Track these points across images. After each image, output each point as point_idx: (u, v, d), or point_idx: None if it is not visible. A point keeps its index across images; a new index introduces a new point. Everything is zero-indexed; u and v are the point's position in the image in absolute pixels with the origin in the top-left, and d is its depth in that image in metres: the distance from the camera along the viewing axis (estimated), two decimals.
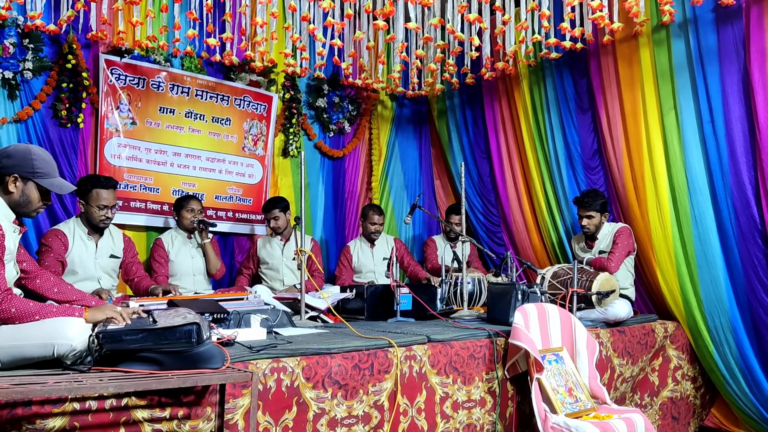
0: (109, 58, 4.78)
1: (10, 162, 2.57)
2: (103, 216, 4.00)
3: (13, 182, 2.57)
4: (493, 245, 5.94)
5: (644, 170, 4.56)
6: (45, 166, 2.63)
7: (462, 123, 6.19)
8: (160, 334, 2.30)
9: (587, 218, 4.61)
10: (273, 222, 5.07)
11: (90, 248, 4.07)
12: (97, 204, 3.97)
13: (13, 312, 2.36)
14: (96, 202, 3.98)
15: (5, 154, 2.58)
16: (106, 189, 4.01)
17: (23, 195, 2.59)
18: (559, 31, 4.38)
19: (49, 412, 2.15)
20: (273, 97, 5.67)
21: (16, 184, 2.57)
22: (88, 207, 3.99)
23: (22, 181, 2.58)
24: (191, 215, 4.73)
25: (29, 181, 2.60)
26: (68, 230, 4.03)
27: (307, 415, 2.72)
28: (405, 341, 3.14)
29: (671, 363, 4.38)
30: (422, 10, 4.41)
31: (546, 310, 3.58)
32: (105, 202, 3.99)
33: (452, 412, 3.21)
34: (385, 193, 6.44)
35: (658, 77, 4.47)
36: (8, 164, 2.56)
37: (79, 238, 4.03)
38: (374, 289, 4.38)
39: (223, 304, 3.47)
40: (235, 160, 5.50)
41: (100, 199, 3.98)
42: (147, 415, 2.32)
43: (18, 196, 2.58)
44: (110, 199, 4.02)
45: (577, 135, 5.16)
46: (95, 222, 4.02)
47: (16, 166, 2.56)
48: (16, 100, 4.43)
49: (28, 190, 2.60)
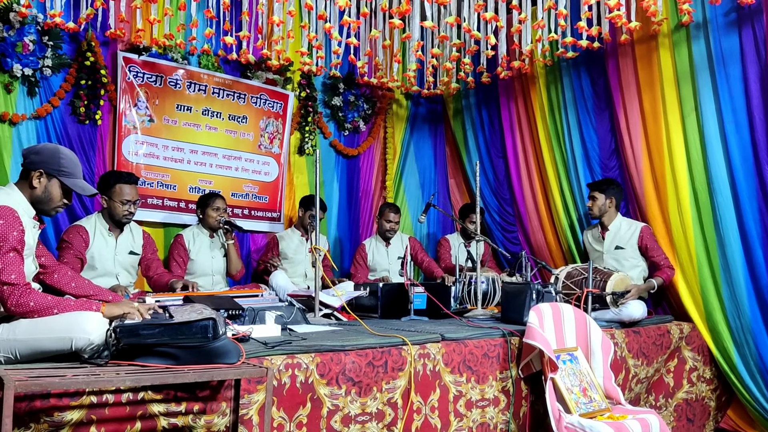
0: (128, 56, 4.83)
1: (38, 158, 2.61)
2: (126, 211, 4.04)
3: (38, 177, 2.61)
4: (508, 244, 5.93)
5: (665, 171, 4.53)
6: (71, 166, 2.68)
7: (477, 122, 6.18)
8: (176, 329, 2.32)
9: (591, 199, 4.68)
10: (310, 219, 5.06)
11: (110, 244, 4.10)
12: (120, 199, 4.01)
13: (32, 305, 2.39)
14: (119, 197, 4.01)
15: (34, 150, 2.64)
16: (128, 184, 4.05)
17: (46, 191, 2.63)
18: (575, 30, 4.37)
19: (67, 404, 2.18)
20: (289, 96, 5.69)
21: (41, 179, 2.62)
22: (111, 202, 4.03)
23: (46, 177, 2.62)
24: (216, 214, 4.71)
25: (53, 178, 2.64)
26: (90, 226, 4.07)
27: (321, 412, 2.74)
28: (419, 339, 3.15)
29: (687, 364, 4.35)
30: (438, 9, 4.41)
31: (561, 310, 3.57)
32: (128, 197, 4.03)
33: (466, 410, 3.21)
34: (399, 192, 6.44)
35: (679, 78, 4.44)
36: (36, 160, 2.61)
37: (100, 234, 4.07)
38: (388, 287, 4.39)
39: (238, 300, 3.49)
40: (251, 158, 5.53)
41: (123, 194, 4.02)
42: (163, 409, 2.34)
43: (41, 191, 2.62)
44: (133, 194, 4.06)
45: (595, 135, 5.14)
46: (118, 217, 4.05)
47: (43, 162, 2.61)
48: (35, 97, 4.48)
49: (51, 187, 2.64)
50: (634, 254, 4.55)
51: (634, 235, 4.56)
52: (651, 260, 4.53)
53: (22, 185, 2.62)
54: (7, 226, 2.42)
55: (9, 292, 2.38)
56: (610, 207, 4.63)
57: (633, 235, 4.56)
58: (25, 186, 2.62)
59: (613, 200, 4.62)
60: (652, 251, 4.50)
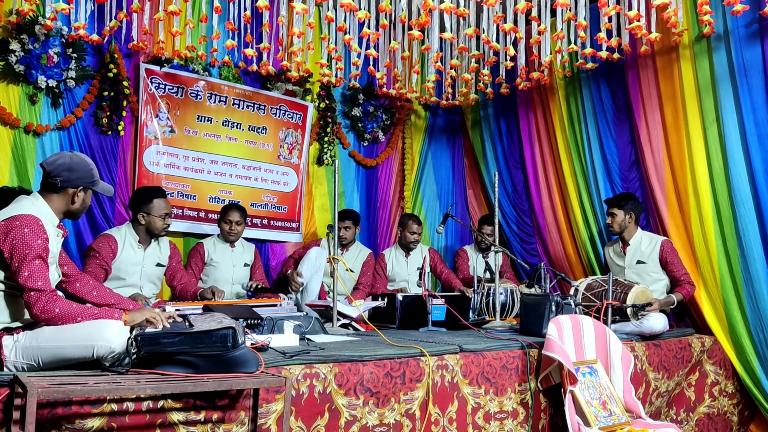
0: (149, 68, 4.89)
1: (74, 175, 2.65)
2: (165, 224, 4.09)
3: (78, 194, 2.67)
4: (527, 256, 5.90)
5: (686, 183, 4.50)
6: (97, 173, 2.76)
7: (496, 133, 6.17)
8: (196, 338, 2.33)
9: (610, 216, 4.62)
10: (343, 231, 5.14)
11: (138, 256, 4.12)
12: (159, 214, 4.04)
13: (57, 312, 2.42)
14: (159, 212, 4.04)
15: (66, 167, 2.64)
16: (164, 198, 4.10)
17: (83, 203, 2.71)
18: (595, 41, 4.36)
19: (88, 412, 2.20)
20: (308, 107, 5.73)
21: (79, 195, 2.68)
22: (151, 217, 4.04)
23: (83, 191, 2.69)
24: (228, 227, 4.77)
25: (89, 190, 2.72)
26: (119, 237, 4.08)
27: (339, 422, 2.74)
28: (437, 350, 3.14)
29: (708, 378, 4.30)
30: (457, 20, 4.42)
31: (580, 322, 3.54)
32: (167, 210, 4.08)
33: (484, 423, 3.19)
34: (417, 203, 6.45)
35: (700, 89, 4.42)
36: (72, 177, 2.65)
37: (129, 246, 4.09)
38: (406, 298, 4.38)
39: (257, 310, 3.51)
40: (270, 168, 5.56)
41: (161, 209, 4.05)
42: (182, 418, 2.36)
43: (79, 205, 2.69)
44: (168, 207, 4.12)
45: (615, 146, 5.11)
46: (158, 231, 4.08)
47: (80, 179, 2.66)
48: (59, 108, 4.56)
49: (87, 198, 2.73)
50: (655, 268, 4.50)
51: (655, 249, 4.52)
52: (671, 275, 4.48)
53: (49, 196, 2.65)
54: (32, 234, 2.46)
55: (36, 299, 2.42)
56: (630, 222, 4.59)
57: (654, 249, 4.52)
58: (56, 198, 2.65)
59: (632, 215, 4.59)
60: (672, 266, 4.45)
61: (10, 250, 2.43)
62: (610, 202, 4.66)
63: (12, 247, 2.43)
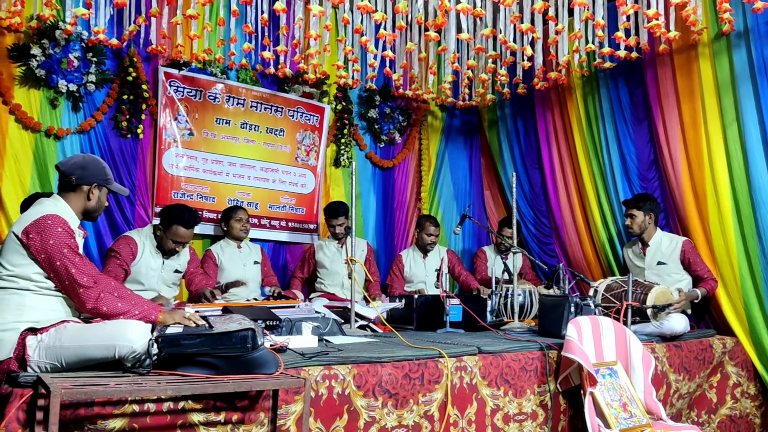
0: (168, 71, 4.93)
1: (88, 173, 2.73)
2: (174, 249, 4.13)
3: (93, 191, 2.74)
4: (544, 256, 5.87)
5: (705, 182, 4.46)
6: (110, 173, 2.84)
7: (513, 133, 6.15)
8: (216, 339, 2.35)
9: (629, 217, 4.58)
10: (338, 228, 5.10)
11: (157, 262, 4.16)
12: (172, 238, 4.08)
13: (105, 310, 2.53)
14: (173, 236, 4.08)
15: (79, 165, 2.73)
16: (186, 228, 4.08)
17: (99, 201, 2.78)
18: (613, 40, 4.33)
19: (110, 413, 2.22)
20: (325, 108, 5.75)
21: (94, 192, 2.74)
22: (164, 235, 4.09)
23: (98, 188, 2.75)
24: (239, 225, 4.83)
25: (103, 188, 2.79)
26: (140, 240, 4.13)
27: (358, 423, 2.74)
28: (455, 352, 3.13)
29: (730, 380, 4.25)
30: (474, 21, 4.42)
31: (600, 323, 3.52)
32: (181, 239, 4.10)
33: (503, 424, 3.18)
34: (434, 204, 6.44)
35: (720, 88, 4.37)
36: (86, 175, 2.72)
37: (149, 252, 4.14)
38: (424, 299, 4.38)
39: (275, 311, 3.52)
40: (288, 170, 5.59)
41: (177, 236, 4.08)
42: (202, 419, 2.37)
43: (95, 202, 2.76)
44: (187, 236, 4.12)
45: (633, 146, 5.08)
46: (165, 249, 4.14)
47: (94, 176, 2.74)
48: (79, 112, 4.62)
49: (102, 196, 2.79)
50: (676, 269, 4.46)
51: (676, 250, 4.47)
52: (694, 274, 4.44)
53: (67, 196, 2.72)
54: (65, 233, 2.55)
55: (86, 296, 2.51)
56: (649, 223, 4.55)
57: (675, 250, 4.48)
58: (72, 197, 2.72)
59: (652, 216, 4.55)
60: (695, 265, 4.41)
61: (45, 249, 2.50)
62: (629, 203, 4.63)
63: (48, 247, 2.50)
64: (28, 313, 2.49)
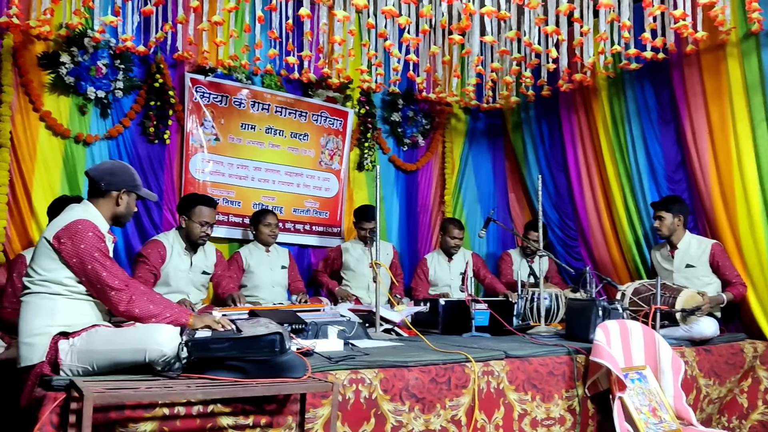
0: (194, 77, 4.99)
1: (117, 179, 2.78)
2: (203, 232, 4.20)
3: (122, 196, 2.77)
4: (570, 259, 5.82)
5: (734, 183, 4.39)
6: (138, 178, 2.87)
7: (538, 135, 6.11)
8: (245, 343, 2.37)
9: (658, 219, 4.53)
10: (369, 231, 5.08)
11: (185, 263, 4.22)
12: (198, 220, 4.16)
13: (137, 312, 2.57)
14: (198, 218, 4.16)
15: (108, 171, 2.79)
16: (208, 207, 4.21)
17: (128, 206, 2.81)
18: (639, 41, 4.29)
19: (141, 416, 2.25)
20: (349, 113, 5.76)
21: (123, 197, 2.78)
22: (190, 222, 4.17)
23: (127, 194, 2.79)
24: (268, 230, 4.86)
25: (132, 194, 2.82)
26: (167, 243, 4.19)
27: (385, 427, 2.74)
28: (482, 356, 3.12)
29: (761, 384, 4.18)
30: (498, 23, 4.40)
31: (628, 327, 3.48)
32: (206, 219, 4.18)
33: (531, 429, 3.16)
34: (458, 207, 6.41)
35: (748, 88, 4.31)
36: (115, 181, 2.77)
37: (177, 253, 4.19)
38: (449, 303, 4.36)
39: (301, 314, 3.53)
40: (312, 174, 5.61)
41: (202, 216, 4.17)
42: (231, 422, 2.39)
43: (124, 208, 2.79)
44: (211, 217, 4.22)
45: (660, 147, 5.02)
46: (194, 238, 4.19)
47: (123, 182, 2.78)
48: (107, 118, 4.68)
49: (131, 202, 2.83)
50: (705, 272, 4.40)
51: (705, 253, 4.41)
52: (722, 278, 4.37)
53: (96, 202, 2.76)
54: (96, 237, 2.59)
55: (117, 299, 2.55)
56: (678, 225, 4.49)
57: (704, 253, 4.42)
58: (102, 203, 2.76)
59: (680, 218, 4.49)
60: (725, 269, 4.35)
61: (77, 254, 2.53)
62: (657, 205, 4.57)
63: (79, 251, 2.54)
64: (59, 318, 2.53)
